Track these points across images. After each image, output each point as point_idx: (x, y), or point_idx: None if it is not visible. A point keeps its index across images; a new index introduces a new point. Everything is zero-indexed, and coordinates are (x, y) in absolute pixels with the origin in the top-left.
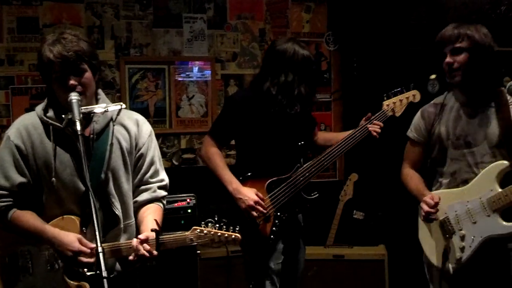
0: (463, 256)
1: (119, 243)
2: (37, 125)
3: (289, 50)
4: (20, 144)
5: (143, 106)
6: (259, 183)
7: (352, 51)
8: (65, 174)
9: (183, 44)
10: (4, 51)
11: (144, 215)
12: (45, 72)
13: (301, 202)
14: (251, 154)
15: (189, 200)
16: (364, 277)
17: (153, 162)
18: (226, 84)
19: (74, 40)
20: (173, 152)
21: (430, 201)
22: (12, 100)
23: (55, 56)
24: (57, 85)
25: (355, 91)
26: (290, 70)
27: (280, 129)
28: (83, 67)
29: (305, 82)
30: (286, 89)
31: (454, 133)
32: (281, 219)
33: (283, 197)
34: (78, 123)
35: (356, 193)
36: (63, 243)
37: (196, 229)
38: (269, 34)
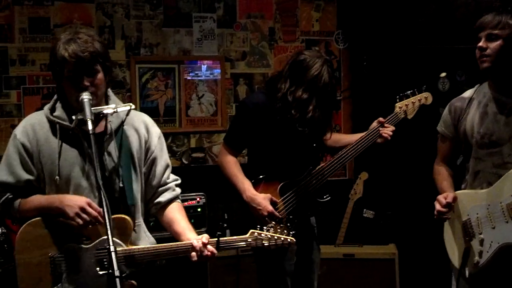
0: (481, 261)
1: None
2: (44, 123)
3: (315, 70)
4: (26, 142)
5: (153, 105)
6: (271, 186)
7: (362, 49)
8: (70, 172)
9: (193, 44)
10: (16, 51)
11: (175, 215)
12: (57, 70)
13: (313, 205)
14: (263, 157)
15: (199, 199)
16: (375, 276)
17: (167, 164)
18: (235, 83)
19: (89, 40)
20: (183, 151)
21: (442, 200)
22: (24, 100)
23: (70, 55)
24: (69, 84)
25: (365, 89)
26: (309, 89)
27: (293, 133)
28: (96, 68)
29: (320, 108)
30: (301, 106)
31: (479, 131)
32: (293, 222)
33: (295, 200)
34: (90, 122)
35: (366, 192)
36: (71, 199)
37: (254, 232)
38: (279, 33)
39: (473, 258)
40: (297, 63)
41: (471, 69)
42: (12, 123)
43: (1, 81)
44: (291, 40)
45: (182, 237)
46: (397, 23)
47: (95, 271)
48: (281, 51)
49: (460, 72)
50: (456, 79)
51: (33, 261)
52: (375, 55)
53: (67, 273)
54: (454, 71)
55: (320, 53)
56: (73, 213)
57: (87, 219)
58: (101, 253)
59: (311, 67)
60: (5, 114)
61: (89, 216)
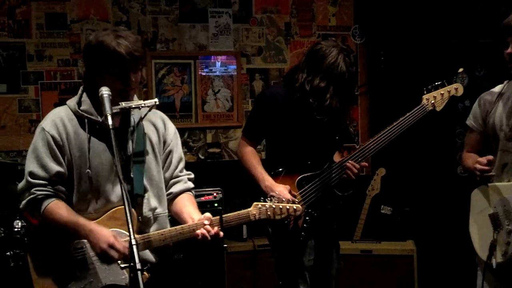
0: (509, 251)
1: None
2: (71, 117)
3: (331, 58)
4: (56, 134)
5: (169, 100)
6: (290, 179)
7: (379, 44)
8: (100, 165)
9: (208, 39)
10: (33, 46)
11: (184, 203)
12: (102, 63)
13: (333, 198)
14: (282, 150)
15: (215, 194)
16: (393, 273)
17: (181, 158)
18: (251, 78)
19: (138, 40)
20: (199, 147)
21: (482, 160)
22: (42, 95)
23: (126, 52)
24: (113, 78)
25: (382, 85)
26: (326, 78)
27: (311, 124)
28: (140, 67)
29: (338, 97)
30: (318, 94)
31: (508, 124)
32: (312, 216)
33: (314, 193)
34: (110, 117)
35: (383, 188)
36: (98, 236)
37: (258, 204)
38: (295, 28)
39: (501, 249)
40: (313, 53)
41: (490, 64)
42: (30, 118)
43: (19, 76)
44: (307, 35)
45: (187, 219)
46: (415, 17)
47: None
48: (297, 46)
49: (479, 67)
50: (475, 74)
51: (45, 258)
52: (393, 50)
53: (79, 266)
54: (473, 66)
55: (337, 43)
56: (100, 250)
57: (114, 257)
58: None
59: (327, 55)
60: (23, 109)
61: (118, 253)
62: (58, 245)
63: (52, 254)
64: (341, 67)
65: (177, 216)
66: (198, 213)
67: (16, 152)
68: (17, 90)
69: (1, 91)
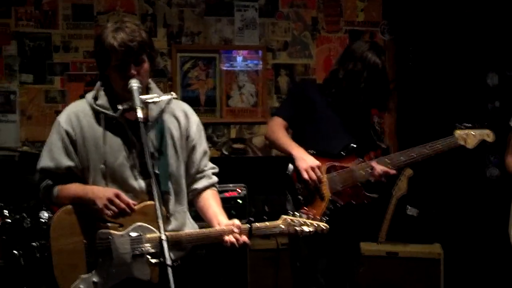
0: None
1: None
2: (87, 111)
3: (363, 49)
4: (70, 129)
5: (194, 95)
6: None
7: (408, 40)
8: (115, 160)
9: (234, 33)
10: (60, 38)
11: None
12: (103, 58)
13: (359, 196)
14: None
15: (239, 190)
16: (418, 276)
17: (206, 151)
18: (276, 73)
19: (137, 29)
20: (223, 142)
21: None
22: (67, 86)
23: (119, 44)
24: (116, 72)
25: (410, 82)
26: (360, 62)
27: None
28: (143, 58)
29: (373, 83)
30: (352, 77)
31: None
32: (335, 205)
33: (340, 183)
34: (139, 110)
35: (410, 189)
36: (105, 189)
37: (286, 218)
38: (322, 23)
39: None
40: (344, 52)
41: None
42: (56, 109)
43: (45, 67)
44: (334, 31)
45: (213, 221)
46: (445, 13)
47: (129, 258)
48: (324, 41)
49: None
50: (506, 74)
51: (67, 247)
52: (421, 47)
53: (101, 260)
54: (504, 66)
55: (366, 40)
56: (102, 204)
57: (115, 210)
58: (135, 240)
59: (358, 48)
60: (49, 100)
61: (117, 207)
62: (84, 233)
63: (77, 241)
64: (373, 58)
65: (202, 213)
66: (223, 214)
67: (41, 143)
68: (43, 80)
69: (28, 81)
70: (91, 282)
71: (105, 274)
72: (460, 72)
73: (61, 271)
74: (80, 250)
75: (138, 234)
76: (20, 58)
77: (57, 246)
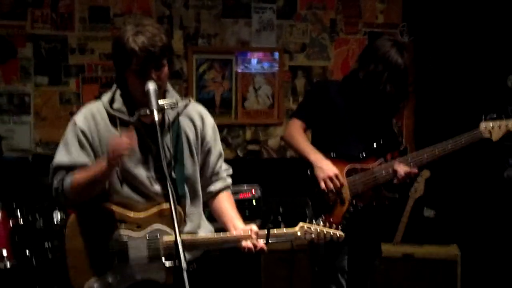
0: None
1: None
2: (103, 114)
3: (385, 48)
4: (86, 129)
5: (209, 96)
6: (339, 166)
7: (428, 43)
8: (130, 163)
9: (251, 35)
10: (76, 40)
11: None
12: (122, 62)
13: (380, 197)
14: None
15: (254, 191)
16: (434, 278)
17: (221, 153)
18: (293, 76)
19: (157, 33)
20: (238, 143)
21: None
22: (82, 88)
23: (140, 48)
24: (135, 77)
25: (429, 85)
26: (381, 63)
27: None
28: (163, 62)
29: (393, 84)
30: (373, 79)
31: None
32: (356, 207)
33: (361, 186)
34: (156, 112)
35: (427, 190)
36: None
37: (303, 226)
38: (340, 24)
39: None
40: (366, 48)
41: None
42: (71, 110)
43: (61, 69)
44: (353, 32)
45: (229, 225)
46: (465, 15)
47: (145, 259)
48: (342, 43)
49: None
50: None
51: (82, 248)
52: (441, 49)
53: (116, 261)
54: None
55: (390, 37)
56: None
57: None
58: (152, 241)
59: (381, 46)
60: (64, 102)
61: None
62: (99, 233)
63: (92, 242)
64: (396, 58)
65: (216, 215)
66: (239, 218)
67: (55, 145)
68: (58, 82)
69: (43, 83)
70: (105, 283)
71: (120, 275)
72: (480, 74)
73: (75, 271)
74: (95, 251)
75: (155, 236)
76: (35, 60)
77: (72, 246)
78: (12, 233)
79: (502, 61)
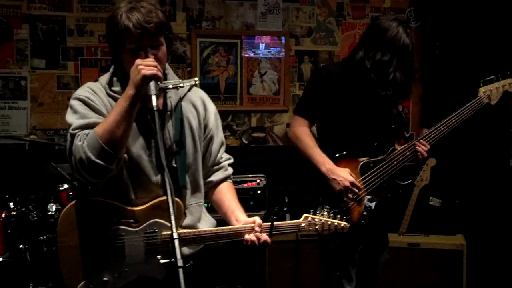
0: None
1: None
2: (103, 95)
3: (392, 30)
4: (90, 96)
5: (213, 81)
6: (352, 164)
7: (435, 28)
8: (131, 147)
9: (256, 18)
10: (74, 21)
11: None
12: (117, 41)
13: (393, 187)
14: (341, 134)
15: (259, 181)
16: (440, 268)
17: (222, 142)
18: (300, 60)
19: (153, 10)
20: (243, 131)
21: None
22: (81, 72)
23: (134, 25)
24: (131, 56)
25: (437, 71)
26: (388, 51)
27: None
28: (160, 40)
29: (402, 70)
30: (381, 68)
31: None
32: (373, 202)
33: (376, 180)
34: (154, 98)
35: (433, 179)
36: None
37: (308, 217)
38: (347, 8)
39: None
40: (372, 28)
41: None
42: (69, 95)
43: (59, 51)
44: (360, 17)
45: (230, 217)
46: (472, 1)
47: (143, 255)
48: (349, 28)
49: None
50: None
51: (76, 244)
52: (449, 35)
53: (113, 257)
54: None
55: (395, 16)
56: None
57: None
58: (150, 236)
59: (387, 29)
60: (62, 86)
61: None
62: (94, 229)
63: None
64: (403, 39)
65: (217, 206)
66: (241, 209)
67: (53, 131)
68: (56, 66)
69: (40, 66)
70: (101, 281)
71: (117, 272)
72: (487, 60)
73: (68, 269)
74: (89, 247)
75: (153, 230)
76: (32, 42)
77: (64, 242)
78: (4, 225)
79: (509, 47)
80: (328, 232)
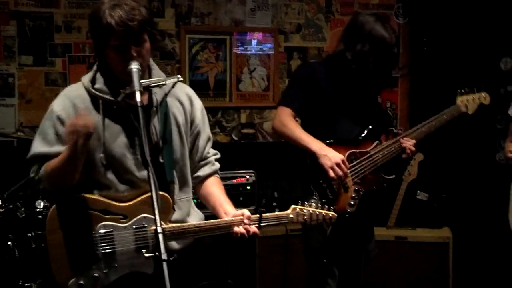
0: None
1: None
2: (84, 97)
3: (369, 25)
4: (64, 116)
5: (202, 78)
6: (340, 152)
7: (423, 25)
8: (115, 148)
9: (245, 14)
10: (62, 17)
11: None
12: (100, 38)
13: (379, 180)
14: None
15: (248, 176)
16: (427, 260)
17: (209, 137)
18: (289, 57)
19: (136, 6)
20: (233, 127)
21: None
22: (69, 68)
23: (117, 23)
24: (114, 54)
25: (424, 67)
26: (368, 42)
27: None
28: (144, 37)
29: (382, 59)
30: (362, 58)
31: None
32: (359, 193)
33: (362, 171)
34: (138, 94)
35: (420, 173)
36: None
37: (296, 208)
38: (336, 5)
39: None
40: (350, 25)
41: None
42: (57, 92)
43: (46, 48)
44: (348, 13)
45: (219, 210)
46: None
47: (132, 251)
48: (338, 24)
49: None
50: None
51: (65, 242)
52: (437, 31)
53: (102, 253)
54: None
55: (373, 13)
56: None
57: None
58: (139, 232)
59: (366, 23)
60: (50, 83)
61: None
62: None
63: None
64: (381, 32)
65: (205, 201)
66: (229, 202)
67: None
68: (43, 62)
69: (27, 63)
70: (91, 276)
71: (107, 268)
72: (474, 56)
73: (58, 266)
74: (78, 243)
75: (142, 226)
76: (19, 38)
77: (54, 240)
78: None
79: (496, 43)
80: (316, 222)
